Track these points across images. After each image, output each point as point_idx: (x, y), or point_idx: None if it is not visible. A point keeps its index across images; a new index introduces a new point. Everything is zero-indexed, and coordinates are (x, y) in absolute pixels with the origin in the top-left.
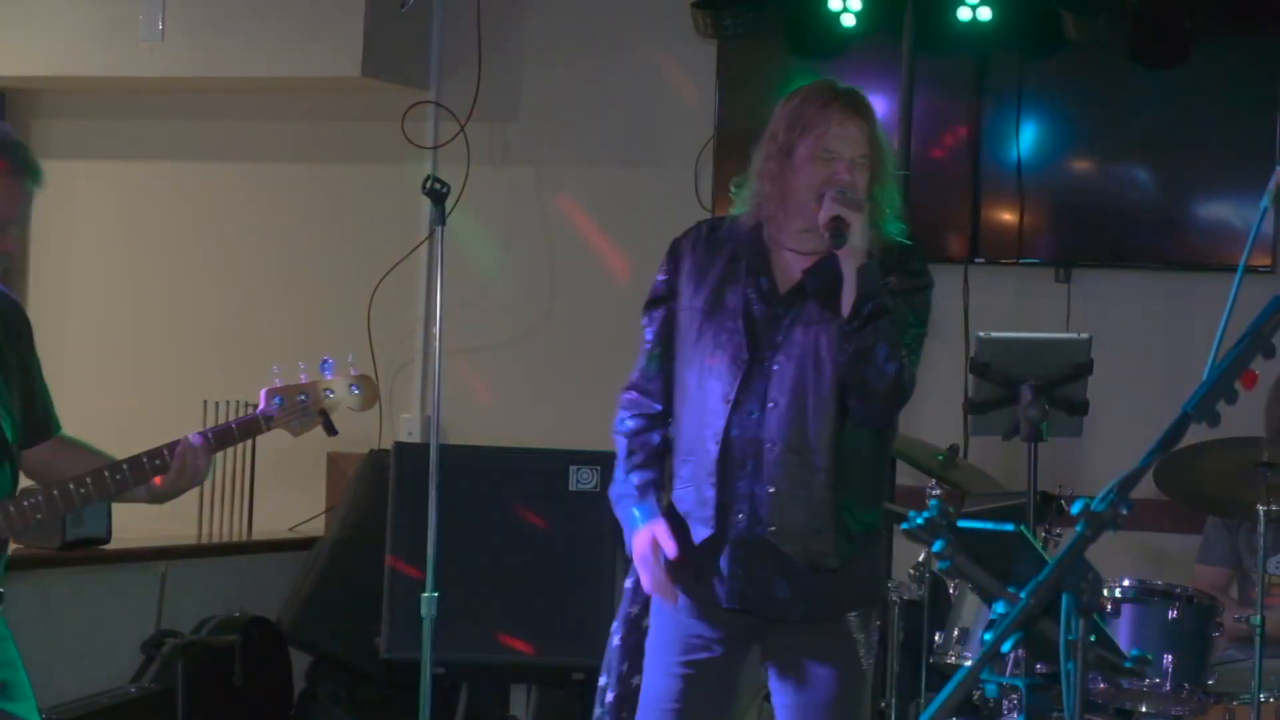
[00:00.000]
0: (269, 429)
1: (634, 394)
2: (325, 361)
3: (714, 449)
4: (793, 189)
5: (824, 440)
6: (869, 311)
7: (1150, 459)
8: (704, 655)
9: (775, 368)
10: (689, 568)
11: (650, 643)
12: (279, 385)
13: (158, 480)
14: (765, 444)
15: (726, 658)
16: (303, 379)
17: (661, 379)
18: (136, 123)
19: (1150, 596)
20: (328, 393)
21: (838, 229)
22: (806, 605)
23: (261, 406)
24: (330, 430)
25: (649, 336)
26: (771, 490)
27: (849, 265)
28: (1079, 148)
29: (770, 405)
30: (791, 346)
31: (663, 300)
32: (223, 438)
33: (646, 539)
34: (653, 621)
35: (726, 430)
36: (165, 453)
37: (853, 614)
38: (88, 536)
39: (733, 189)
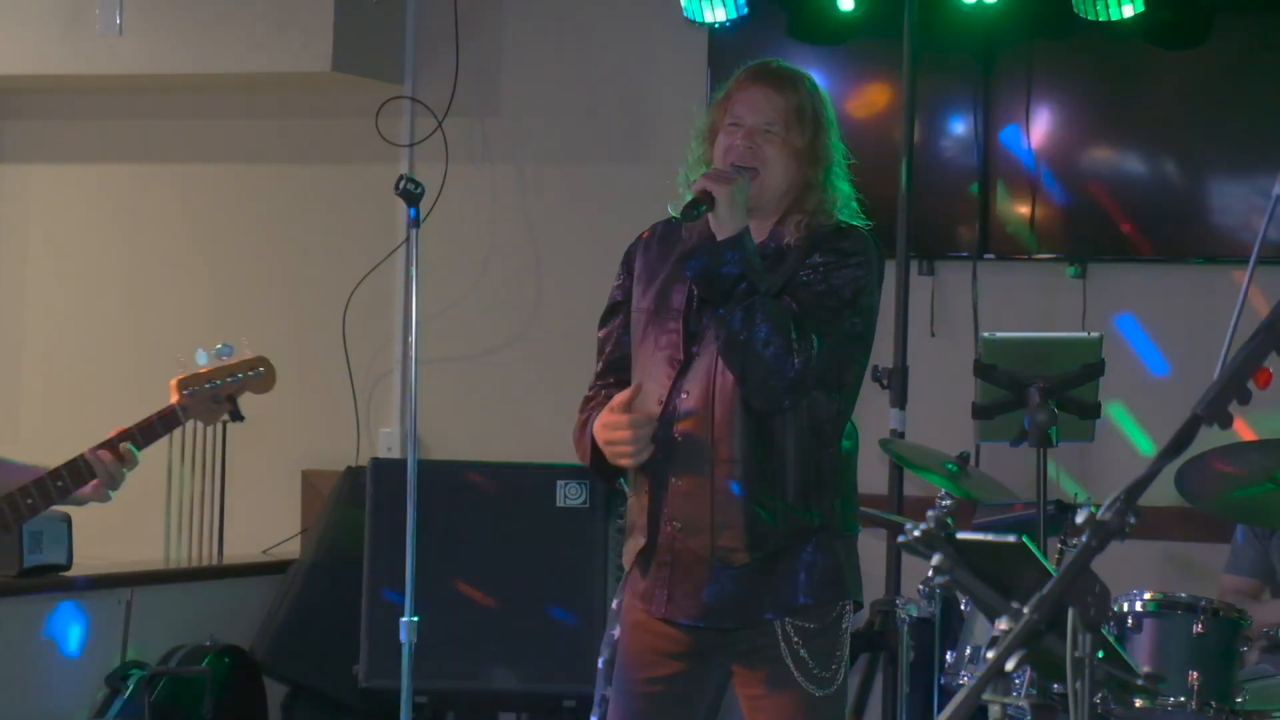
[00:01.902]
0: (186, 419)
1: (587, 394)
2: (223, 346)
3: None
4: None
5: (731, 432)
6: (741, 291)
7: (1158, 464)
8: (665, 671)
9: (693, 357)
10: (639, 579)
11: (618, 661)
12: (189, 375)
13: (94, 483)
14: (676, 436)
15: (689, 674)
16: (203, 367)
17: (616, 386)
18: (95, 123)
19: (1173, 609)
20: (233, 377)
21: (696, 201)
22: (730, 609)
23: (175, 398)
24: (236, 416)
25: (603, 348)
26: (676, 482)
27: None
28: (1093, 135)
29: (682, 397)
30: (709, 338)
31: (619, 307)
32: (147, 433)
33: (601, 420)
34: (620, 639)
35: (656, 432)
36: (95, 455)
37: (788, 623)
38: (47, 563)
39: (680, 184)
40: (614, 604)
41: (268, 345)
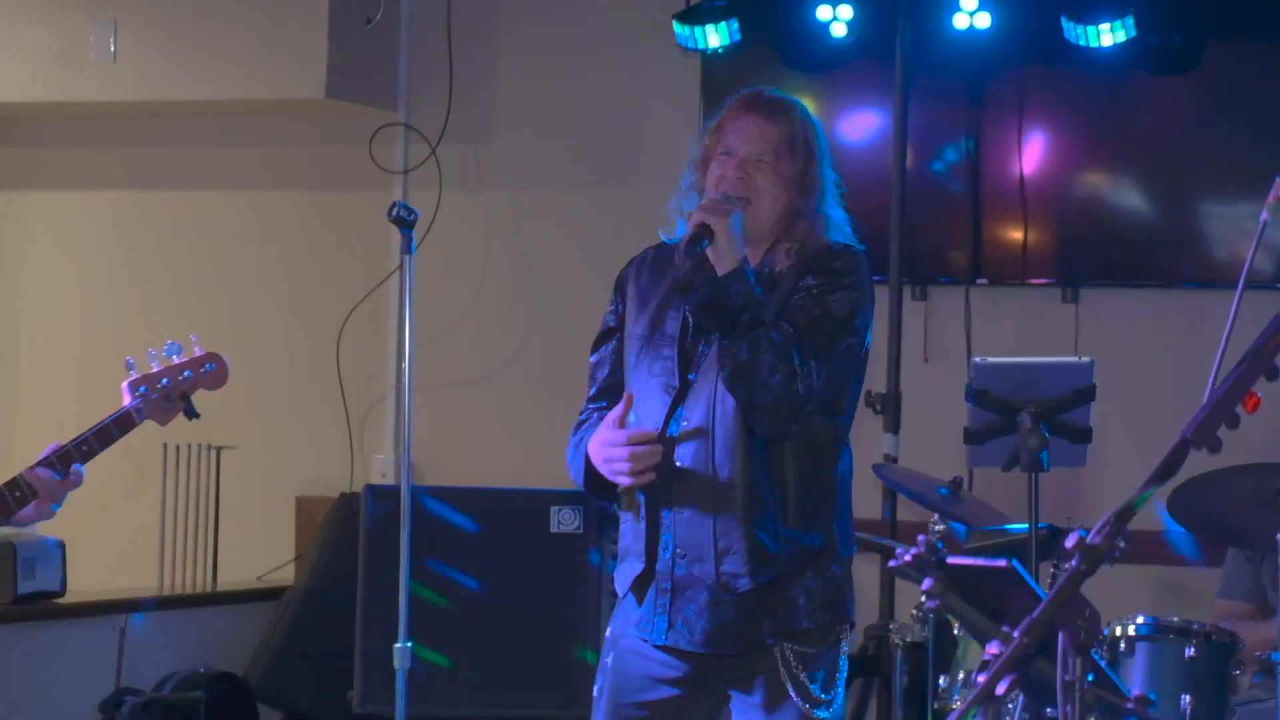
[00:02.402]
0: (140, 421)
1: (579, 418)
2: (171, 345)
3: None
4: None
5: (733, 457)
6: (745, 322)
7: (1147, 489)
8: (658, 697)
9: (693, 387)
10: (634, 605)
11: (610, 685)
12: (140, 376)
13: (35, 502)
14: (677, 464)
15: (682, 700)
16: (155, 367)
17: (608, 410)
18: (90, 150)
19: (1165, 634)
20: (184, 375)
21: (697, 235)
22: (731, 635)
23: (129, 400)
24: (191, 414)
25: (596, 374)
26: (680, 511)
27: (720, 271)
28: (1085, 160)
29: (683, 424)
30: (709, 364)
31: (612, 332)
32: (103, 439)
33: (598, 438)
34: (613, 663)
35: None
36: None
37: (788, 648)
38: (41, 590)
39: (671, 211)
40: (608, 632)
41: (262, 371)
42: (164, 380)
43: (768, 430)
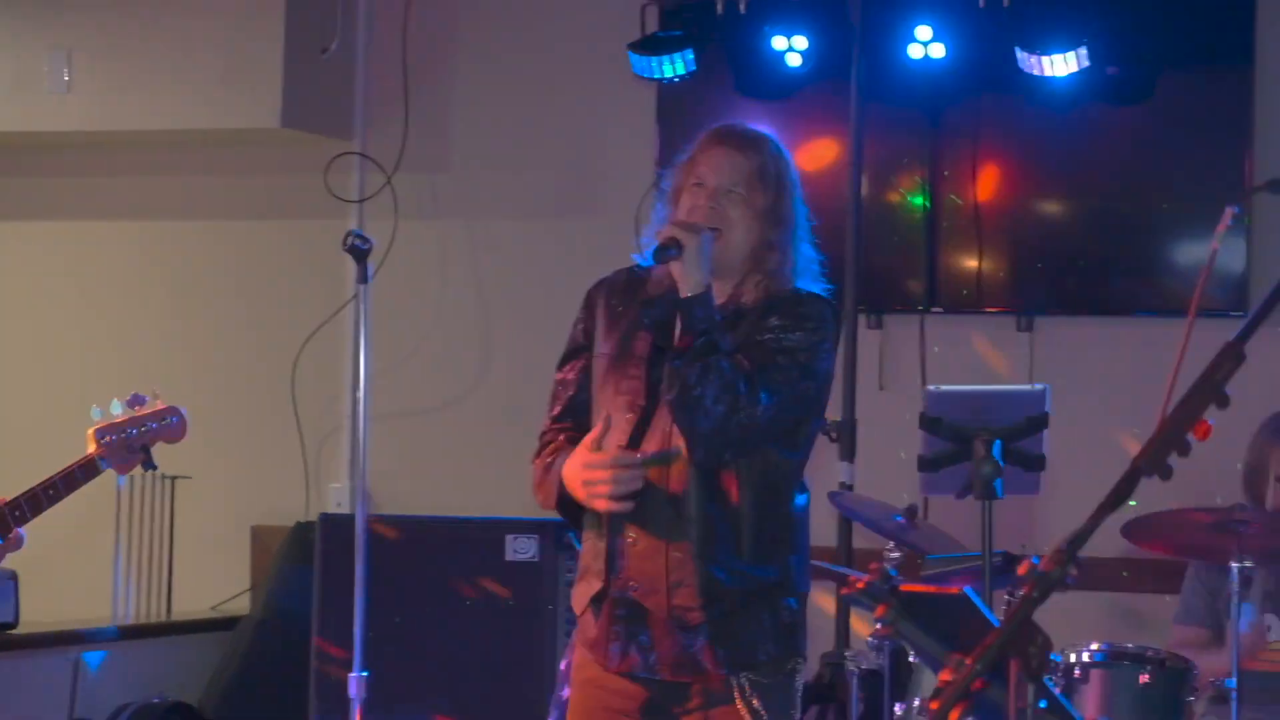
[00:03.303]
0: (104, 469)
1: (543, 438)
2: (136, 396)
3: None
4: None
5: (687, 491)
6: (699, 347)
7: (1099, 517)
8: None
9: (651, 417)
10: (590, 623)
11: (568, 713)
12: (106, 424)
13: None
14: (635, 493)
15: None
16: (119, 415)
17: (574, 430)
18: (43, 180)
19: (1120, 660)
20: (147, 426)
21: (666, 244)
22: (686, 665)
23: (93, 447)
24: (149, 465)
25: (561, 392)
26: (632, 541)
27: (682, 292)
28: (1040, 189)
29: (639, 455)
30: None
31: (580, 350)
32: (69, 483)
33: (576, 459)
34: (570, 696)
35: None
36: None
37: (744, 677)
38: None
39: (643, 244)
40: (562, 665)
41: (217, 400)
42: (129, 430)
43: (703, 457)
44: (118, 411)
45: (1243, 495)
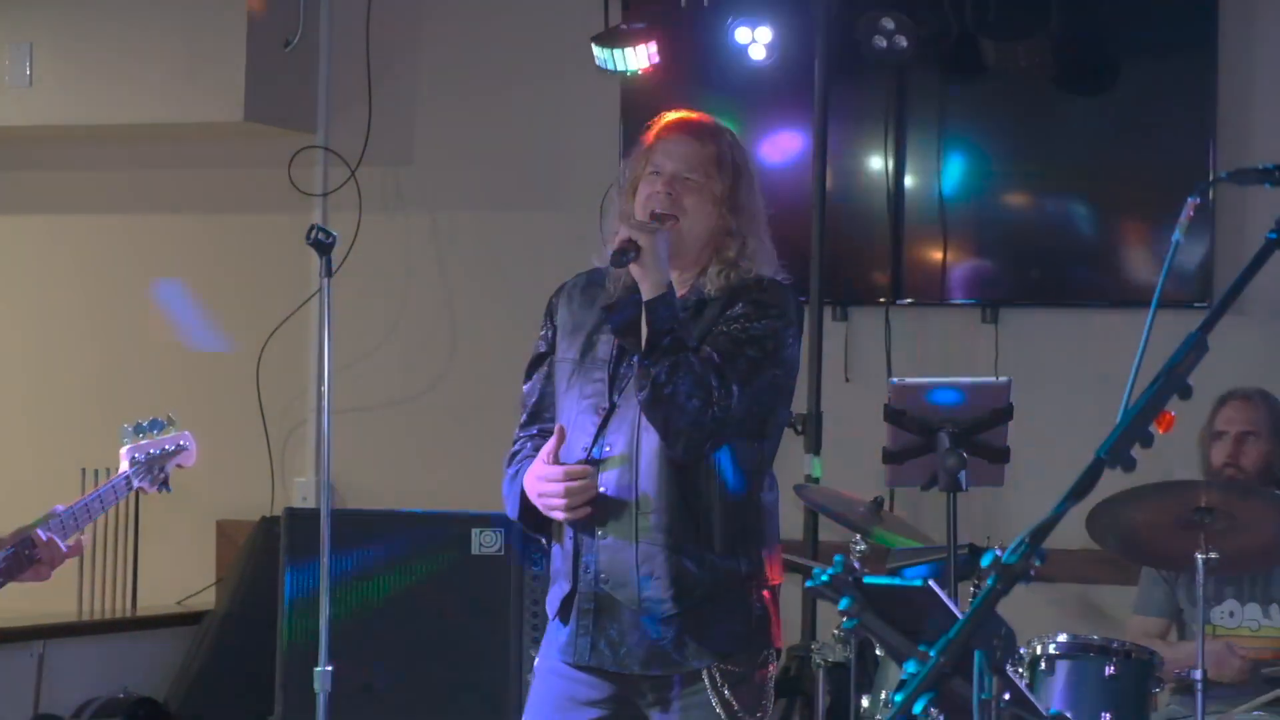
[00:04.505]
0: (134, 488)
1: (512, 449)
2: (156, 421)
3: None
4: None
5: (656, 483)
6: (666, 345)
7: (1062, 507)
8: (578, 717)
9: (617, 411)
10: (559, 627)
11: (531, 705)
12: (135, 444)
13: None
14: (600, 489)
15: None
16: (144, 438)
17: (540, 437)
18: (4, 175)
19: (1086, 652)
20: (168, 448)
21: (623, 249)
22: (656, 658)
23: (126, 467)
24: (166, 488)
25: (527, 401)
26: (603, 537)
27: (644, 293)
28: (1004, 180)
29: (607, 450)
30: (632, 389)
31: (543, 358)
32: (107, 500)
33: (532, 472)
34: (535, 685)
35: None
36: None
37: (715, 667)
38: None
39: (606, 237)
40: (536, 660)
41: (181, 395)
42: (154, 450)
43: (682, 454)
44: (142, 434)
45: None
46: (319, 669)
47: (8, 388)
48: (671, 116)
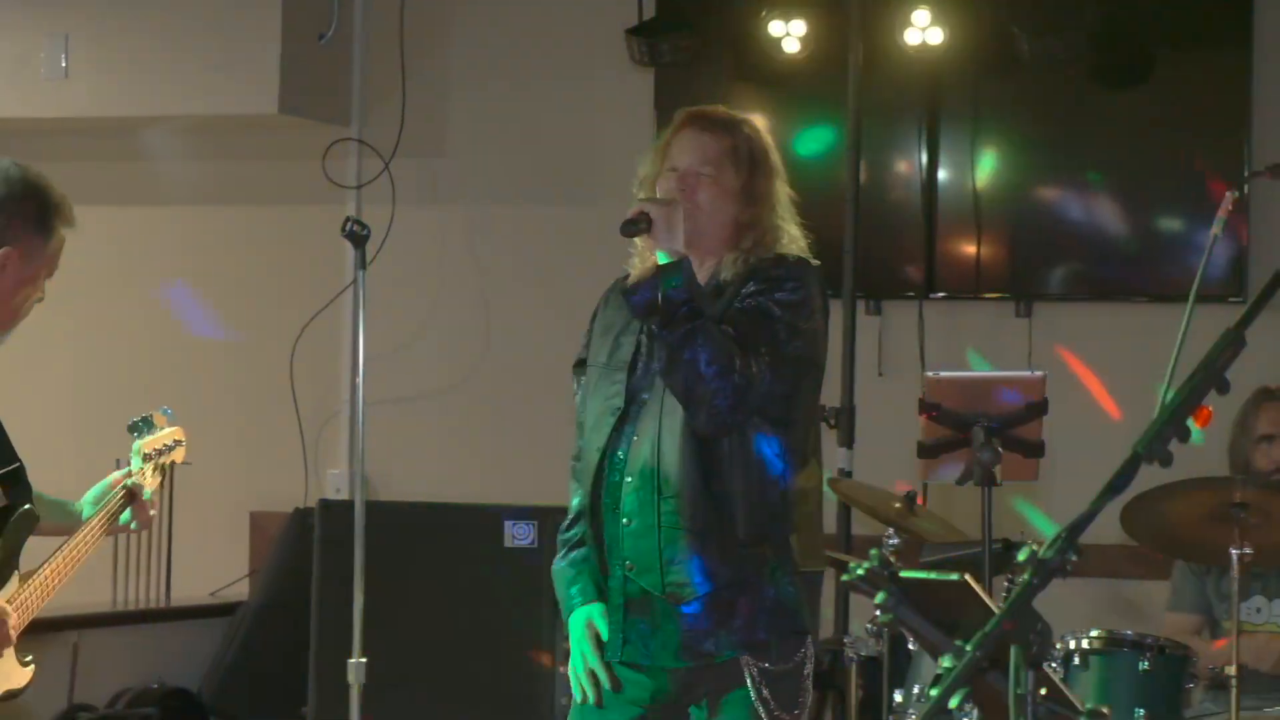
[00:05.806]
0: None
1: (572, 463)
2: (147, 419)
3: (589, 499)
4: None
5: (677, 468)
6: (683, 314)
7: (1099, 503)
8: (624, 715)
9: (643, 403)
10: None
11: (572, 707)
12: (148, 440)
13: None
14: (626, 480)
15: (652, 715)
16: (159, 434)
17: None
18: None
19: (1120, 647)
20: (168, 447)
21: (631, 221)
22: (687, 649)
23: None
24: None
25: (578, 414)
26: (626, 523)
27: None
28: (1038, 174)
29: (634, 439)
30: (658, 384)
31: (580, 365)
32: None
33: (581, 624)
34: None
35: (598, 475)
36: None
37: (753, 666)
38: None
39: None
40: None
41: (215, 387)
42: (159, 450)
43: (706, 424)
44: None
45: (1230, 469)
46: (352, 660)
47: (41, 384)
48: (686, 111)
